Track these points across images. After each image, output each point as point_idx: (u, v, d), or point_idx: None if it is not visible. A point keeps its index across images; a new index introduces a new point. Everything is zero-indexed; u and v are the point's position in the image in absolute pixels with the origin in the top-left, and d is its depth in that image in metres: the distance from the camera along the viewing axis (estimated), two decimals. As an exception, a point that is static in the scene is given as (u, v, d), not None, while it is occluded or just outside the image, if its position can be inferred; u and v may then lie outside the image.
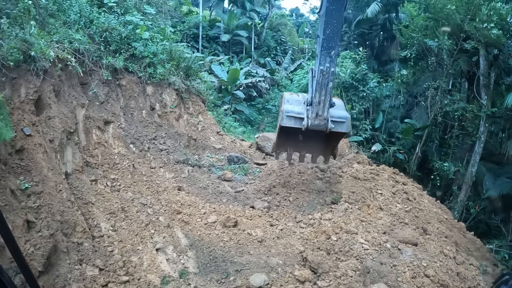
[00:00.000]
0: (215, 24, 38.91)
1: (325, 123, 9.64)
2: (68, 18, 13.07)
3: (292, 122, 9.85)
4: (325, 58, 9.19)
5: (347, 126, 10.22)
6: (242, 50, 39.64)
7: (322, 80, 9.28)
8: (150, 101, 14.04)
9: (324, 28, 8.98)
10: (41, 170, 8.30)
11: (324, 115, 9.57)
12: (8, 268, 6.51)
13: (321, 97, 9.41)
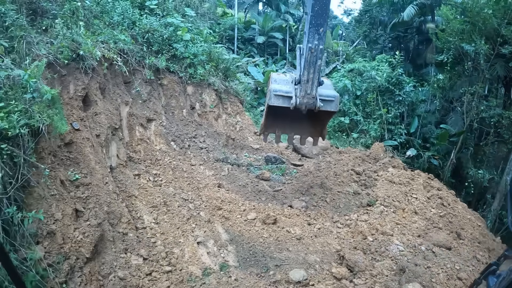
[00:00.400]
0: (250, 26, 39.09)
1: (314, 101, 9.41)
2: (111, 20, 13.52)
3: (280, 101, 9.56)
4: (314, 36, 8.91)
5: (336, 105, 9.92)
6: (277, 52, 39.47)
7: (310, 57, 9.03)
8: (191, 100, 14.29)
9: (313, 4, 8.70)
10: (89, 163, 8.60)
11: (312, 94, 9.34)
12: (58, 253, 6.75)
13: (310, 75, 9.17)
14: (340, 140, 21.30)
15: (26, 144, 6.88)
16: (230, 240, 9.31)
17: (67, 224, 7.18)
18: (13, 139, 6.71)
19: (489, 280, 3.09)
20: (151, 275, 7.62)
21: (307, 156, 16.07)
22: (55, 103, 7.79)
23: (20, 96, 7.21)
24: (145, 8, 15.79)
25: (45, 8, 10.86)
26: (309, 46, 8.92)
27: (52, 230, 6.86)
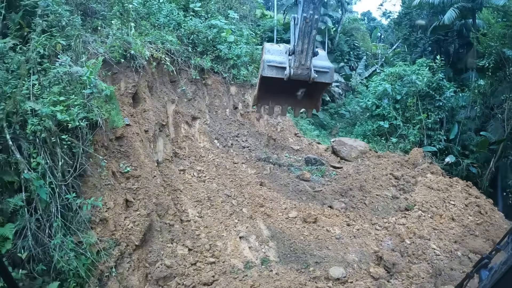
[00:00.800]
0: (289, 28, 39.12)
1: (308, 72, 8.96)
2: (157, 21, 14.01)
3: (273, 72, 9.10)
4: (309, 5, 8.42)
5: (330, 77, 9.49)
6: None
7: (305, 28, 8.56)
8: (234, 100, 14.60)
9: None
10: (139, 156, 9.01)
11: (307, 64, 8.90)
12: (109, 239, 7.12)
13: (304, 45, 8.71)
14: (379, 144, 21.05)
15: (84, 136, 7.32)
16: (271, 236, 9.53)
17: (119, 212, 7.58)
18: (72, 131, 7.15)
19: (481, 274, 3.10)
20: (195, 265, 7.92)
21: (345, 159, 16.08)
22: (111, 99, 8.23)
23: (79, 91, 7.66)
24: (189, 10, 16.25)
25: (94, 9, 11.38)
26: (304, 16, 8.49)
27: (105, 217, 7.26)
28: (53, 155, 6.86)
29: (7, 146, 6.53)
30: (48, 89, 7.57)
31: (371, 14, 71.99)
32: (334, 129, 28.94)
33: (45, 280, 6.33)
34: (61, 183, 6.80)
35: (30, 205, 6.45)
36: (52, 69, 7.98)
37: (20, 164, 6.37)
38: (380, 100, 23.29)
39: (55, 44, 8.74)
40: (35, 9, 9.02)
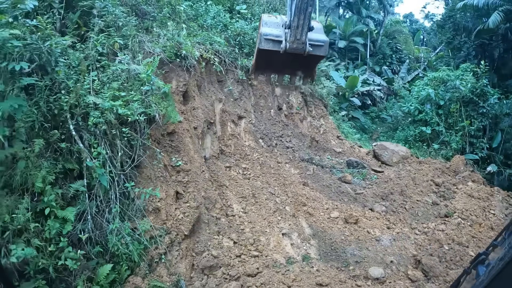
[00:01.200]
0: (331, 30, 38.70)
1: (303, 46, 9.00)
2: (205, 22, 14.43)
3: (270, 45, 9.19)
4: None
5: (325, 50, 9.50)
6: (358, 57, 38.49)
7: (301, 4, 8.53)
8: (278, 101, 14.85)
9: None
10: (189, 151, 9.41)
11: (302, 39, 8.93)
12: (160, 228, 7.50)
13: (300, 21, 8.72)
14: (421, 150, 20.72)
15: (142, 129, 7.76)
16: (313, 234, 9.73)
17: (170, 203, 7.98)
18: (131, 125, 7.59)
19: (479, 269, 3.08)
20: (240, 257, 8.20)
21: (386, 163, 16.00)
22: (167, 96, 8.68)
23: (137, 88, 8.11)
24: (234, 12, 16.64)
25: (145, 10, 11.87)
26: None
27: (158, 207, 7.66)
28: (113, 146, 7.32)
29: (70, 136, 7.02)
30: (107, 85, 8.05)
31: (413, 16, 69.84)
32: (375, 133, 28.64)
33: (100, 262, 6.76)
34: (120, 173, 7.26)
35: (90, 191, 6.90)
36: (111, 66, 8.49)
37: (83, 153, 6.83)
38: (423, 105, 22.88)
39: (113, 43, 9.25)
40: (91, 10, 9.59)
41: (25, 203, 6.11)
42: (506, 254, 2.46)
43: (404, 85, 34.54)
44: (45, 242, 6.12)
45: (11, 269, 5.82)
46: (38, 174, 6.26)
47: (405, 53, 41.06)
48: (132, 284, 6.75)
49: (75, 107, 7.23)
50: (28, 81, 6.31)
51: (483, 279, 2.50)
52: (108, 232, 6.80)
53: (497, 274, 2.27)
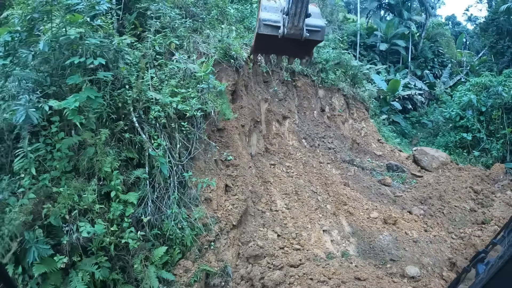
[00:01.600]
0: (373, 33, 38.26)
1: (301, 32, 8.98)
2: (250, 24, 14.90)
3: (269, 30, 9.33)
4: None
5: (322, 35, 9.57)
6: (399, 60, 38.00)
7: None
8: (321, 103, 15.18)
9: None
10: (237, 148, 9.92)
11: (299, 26, 8.48)
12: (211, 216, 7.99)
13: (297, 9, 8.31)
14: (461, 156, 20.48)
15: (198, 124, 8.31)
16: (352, 233, 10.10)
17: (220, 195, 8.50)
18: (189, 119, 8.15)
19: (478, 268, 3.09)
20: (283, 249, 8.61)
21: (426, 168, 16.05)
22: (221, 94, 9.22)
23: (194, 86, 8.68)
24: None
25: (194, 12, 12.40)
26: None
27: (209, 197, 8.20)
28: (171, 138, 7.92)
29: (132, 128, 7.65)
30: (166, 82, 8.65)
31: (455, 18, 68.45)
32: (415, 138, 28.39)
33: (155, 244, 7.32)
34: (178, 163, 7.84)
35: (150, 179, 7.49)
36: (169, 65, 9.09)
37: (145, 144, 7.44)
38: (464, 111, 22.56)
39: (169, 43, 9.87)
40: (146, 11, 10.23)
41: (93, 186, 6.74)
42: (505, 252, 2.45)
43: (445, 90, 33.93)
44: (108, 223, 6.71)
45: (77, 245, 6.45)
46: (106, 160, 6.89)
47: (447, 56, 40.30)
48: (183, 267, 7.28)
49: (137, 101, 7.85)
50: (103, 75, 6.95)
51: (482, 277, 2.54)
52: (166, 217, 7.36)
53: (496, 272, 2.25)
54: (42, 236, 6.20)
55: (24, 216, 6.14)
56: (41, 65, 7.10)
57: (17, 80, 6.88)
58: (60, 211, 6.35)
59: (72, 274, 6.38)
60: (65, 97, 6.80)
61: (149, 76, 8.51)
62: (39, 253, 6.10)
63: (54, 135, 6.73)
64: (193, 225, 7.58)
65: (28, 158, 6.36)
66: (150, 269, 6.89)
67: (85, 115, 6.78)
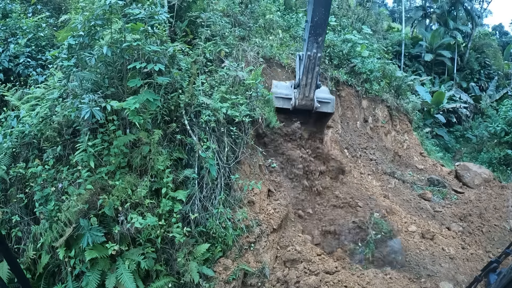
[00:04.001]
0: (418, 43, 37.40)
1: (312, 103, 10.23)
2: (296, 33, 15.18)
3: (281, 103, 10.31)
4: (313, 44, 9.49)
5: (332, 107, 10.70)
6: (444, 71, 37.15)
7: (309, 64, 9.66)
8: (364, 113, 15.24)
9: (312, 15, 9.09)
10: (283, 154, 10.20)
11: (310, 96, 10.11)
12: (253, 219, 8.30)
13: (308, 80, 9.86)
14: (504, 174, 19.91)
15: (246, 130, 8.70)
16: (390, 245, 10.06)
17: (263, 199, 8.81)
18: (237, 125, 8.54)
19: (490, 277, 3.10)
20: (320, 256, 8.79)
21: (468, 185, 15.73)
22: (268, 102, 9.60)
23: (243, 92, 9.07)
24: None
25: (241, 21, 12.83)
26: (308, 54, 9.59)
27: (252, 200, 8.52)
28: (220, 142, 8.33)
29: (184, 130, 8.10)
30: (216, 88, 9.08)
31: (503, 27, 65.47)
32: (458, 152, 27.77)
33: (198, 241, 7.72)
34: (225, 165, 8.23)
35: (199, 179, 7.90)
36: (219, 72, 9.53)
37: (196, 145, 7.86)
38: (510, 126, 21.92)
39: (219, 51, 10.33)
40: (197, 19, 10.73)
41: (146, 182, 7.21)
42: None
43: (491, 103, 32.82)
44: (156, 217, 7.14)
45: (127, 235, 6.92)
46: (159, 158, 7.35)
47: (494, 68, 38.90)
48: (223, 264, 7.65)
49: (188, 105, 8.29)
50: (162, 79, 7.43)
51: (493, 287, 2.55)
52: (211, 215, 7.74)
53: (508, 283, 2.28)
54: (96, 224, 6.72)
55: (81, 205, 6.69)
56: (99, 68, 7.67)
57: (78, 80, 7.47)
58: (114, 202, 6.86)
59: (119, 262, 6.89)
60: (122, 98, 7.35)
61: (200, 82, 8.95)
62: (92, 239, 6.62)
63: (112, 132, 7.26)
64: (236, 225, 7.93)
65: (87, 152, 6.90)
66: (192, 264, 7.27)
67: (142, 116, 7.26)
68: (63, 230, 6.73)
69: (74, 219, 6.72)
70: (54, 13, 12.62)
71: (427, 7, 40.20)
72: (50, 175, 7.02)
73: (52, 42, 10.96)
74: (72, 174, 7.08)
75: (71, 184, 7.04)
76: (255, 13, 13.98)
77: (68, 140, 7.46)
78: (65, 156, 7.41)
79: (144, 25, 7.34)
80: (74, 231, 6.73)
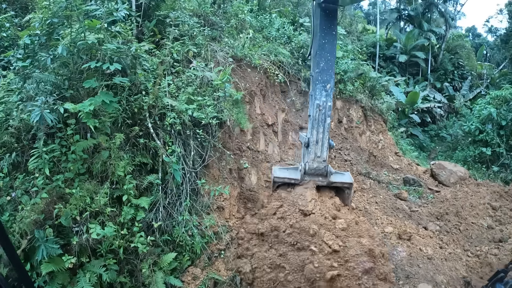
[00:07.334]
0: (392, 44, 38.02)
1: (325, 166, 8.39)
2: (269, 34, 14.94)
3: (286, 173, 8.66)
4: (321, 92, 8.36)
5: (349, 177, 8.84)
6: (419, 72, 37.61)
7: (319, 115, 8.34)
8: (339, 114, 15.04)
9: (318, 62, 8.32)
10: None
11: (323, 156, 8.36)
12: (223, 225, 7.95)
13: (319, 134, 8.31)
14: (480, 171, 20.04)
15: (213, 132, 8.34)
16: (366, 247, 9.83)
17: (233, 204, 8.47)
18: (204, 127, 8.19)
19: (497, 287, 3.04)
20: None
21: (443, 183, 15.75)
22: (237, 103, 9.25)
23: (210, 94, 8.72)
24: (297, 25, 17.10)
25: (213, 21, 12.46)
26: (317, 103, 8.38)
27: (222, 205, 8.19)
28: (186, 145, 7.96)
29: (147, 133, 7.70)
30: (182, 89, 8.71)
31: (476, 29, 67.62)
32: (433, 151, 27.98)
33: (165, 250, 7.34)
34: (191, 170, 7.86)
35: (163, 185, 7.52)
36: (186, 72, 9.16)
37: (159, 150, 7.47)
38: (484, 124, 22.16)
39: (187, 51, 9.96)
40: (165, 19, 10.35)
41: (105, 189, 6.80)
42: None
43: (465, 103, 33.38)
44: (118, 226, 6.75)
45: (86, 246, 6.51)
46: (120, 164, 6.95)
47: (467, 69, 39.65)
48: (192, 274, 7.29)
49: (153, 107, 7.91)
50: (120, 80, 7.03)
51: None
52: (177, 223, 7.37)
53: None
54: (52, 236, 6.32)
55: (35, 215, 6.26)
56: (60, 69, 7.25)
57: (35, 82, 7.02)
58: (72, 212, 6.45)
59: (79, 275, 6.49)
60: (82, 100, 6.92)
61: (166, 83, 8.56)
62: (48, 251, 6.19)
63: (70, 137, 6.84)
64: (204, 232, 7.57)
65: (42, 158, 6.47)
66: (158, 275, 6.91)
67: (101, 119, 6.86)
68: (19, 242, 6.30)
69: (29, 230, 6.27)
70: (21, 13, 12.04)
71: (402, 10, 40.69)
72: (5, 184, 6.56)
73: (16, 42, 10.43)
74: (29, 182, 6.63)
75: (27, 193, 6.58)
76: (227, 13, 13.67)
77: (27, 146, 6.98)
78: (23, 163, 6.94)
79: (100, 22, 6.94)
80: (28, 243, 6.28)
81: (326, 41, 8.31)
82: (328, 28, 8.26)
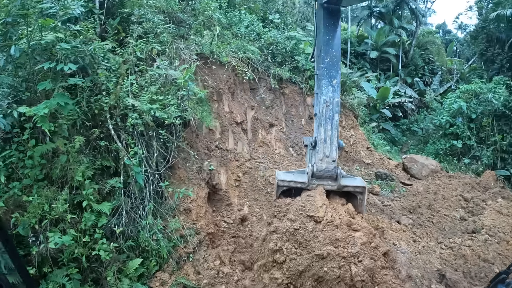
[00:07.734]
0: (363, 41, 38.37)
1: (335, 167, 7.70)
2: (238, 31, 14.75)
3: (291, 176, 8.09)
4: (327, 88, 7.87)
5: (361, 180, 8.34)
6: (390, 67, 37.79)
7: (326, 112, 7.77)
8: (309, 110, 14.96)
9: (323, 57, 8.03)
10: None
11: (332, 156, 7.71)
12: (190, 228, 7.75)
13: (327, 132, 7.70)
14: (451, 164, 20.32)
15: (177, 132, 8.10)
16: (338, 243, 9.76)
17: (200, 205, 8.24)
18: (167, 127, 7.94)
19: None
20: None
21: (416, 176, 15.89)
22: (202, 102, 9.03)
23: (174, 92, 8.47)
24: (267, 21, 16.97)
25: (180, 18, 12.20)
26: (323, 99, 7.84)
27: (189, 207, 7.96)
28: (149, 146, 7.70)
29: (109, 135, 7.42)
30: (145, 88, 8.44)
31: (446, 26, 68.39)
32: (405, 145, 28.31)
33: (130, 256, 7.08)
34: (155, 172, 7.60)
35: (126, 188, 7.25)
36: (149, 71, 8.89)
37: (121, 152, 7.20)
38: (454, 118, 22.47)
39: (151, 49, 9.68)
40: (130, 16, 10.06)
41: (64, 195, 6.50)
42: None
43: (436, 97, 33.91)
44: (80, 233, 6.48)
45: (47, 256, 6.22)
46: (78, 168, 6.65)
47: (438, 64, 40.23)
48: (160, 279, 7.04)
49: (114, 108, 7.63)
50: (74, 81, 6.72)
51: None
52: (141, 228, 7.12)
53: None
54: (9, 246, 5.96)
55: (-10, 225, 5.92)
56: (19, 70, 6.92)
57: (-10, 84, 6.66)
58: (30, 220, 6.16)
59: (42, 286, 6.23)
60: (39, 103, 6.60)
61: (129, 83, 8.27)
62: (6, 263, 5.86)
63: (26, 142, 6.53)
64: (170, 236, 7.34)
65: (-4, 165, 6.16)
66: (124, 282, 6.67)
67: (57, 123, 6.55)
68: (-25, 254, 5.96)
69: (-15, 241, 5.92)
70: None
71: (373, 7, 41.02)
72: (-40, 193, 6.23)
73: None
74: (-16, 191, 6.30)
75: (-18, 202, 6.24)
76: (196, 10, 13.40)
77: (-15, 153, 6.63)
78: (-20, 171, 6.58)
79: (53, 21, 6.62)
80: (-14, 255, 5.94)
81: (330, 37, 8.15)
82: (332, 25, 8.15)
